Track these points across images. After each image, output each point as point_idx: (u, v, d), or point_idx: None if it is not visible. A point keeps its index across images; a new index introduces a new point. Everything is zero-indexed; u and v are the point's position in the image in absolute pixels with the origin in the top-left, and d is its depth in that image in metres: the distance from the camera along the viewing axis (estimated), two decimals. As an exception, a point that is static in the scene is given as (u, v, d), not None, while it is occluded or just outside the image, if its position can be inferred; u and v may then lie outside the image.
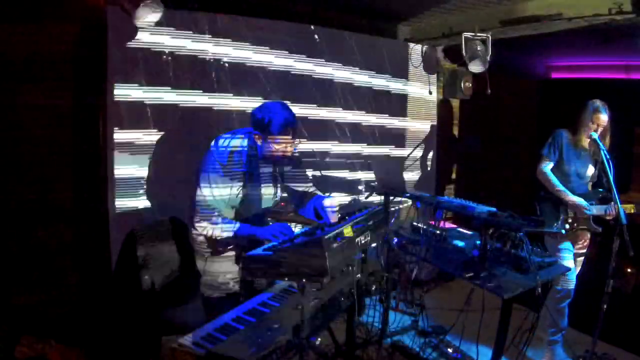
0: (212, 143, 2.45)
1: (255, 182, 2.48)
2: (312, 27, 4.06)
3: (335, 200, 2.47)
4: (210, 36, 3.55)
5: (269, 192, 2.59)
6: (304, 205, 2.60)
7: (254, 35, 3.74)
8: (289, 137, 2.40)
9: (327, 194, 3.51)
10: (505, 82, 5.68)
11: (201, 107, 3.56)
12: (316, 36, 4.08)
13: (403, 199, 3.72)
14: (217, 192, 2.35)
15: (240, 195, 2.43)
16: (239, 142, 2.43)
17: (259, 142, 2.42)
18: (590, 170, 3.30)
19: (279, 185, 2.67)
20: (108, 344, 3.08)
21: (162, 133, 3.43)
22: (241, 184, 2.42)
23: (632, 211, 3.07)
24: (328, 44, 4.14)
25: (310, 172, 3.76)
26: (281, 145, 2.39)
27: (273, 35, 3.85)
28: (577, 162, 3.25)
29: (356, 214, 2.25)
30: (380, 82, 4.58)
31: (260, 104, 2.55)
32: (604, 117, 3.12)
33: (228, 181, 2.37)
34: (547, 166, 3.26)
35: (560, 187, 3.19)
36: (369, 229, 2.15)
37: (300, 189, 2.74)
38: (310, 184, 2.86)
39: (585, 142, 3.21)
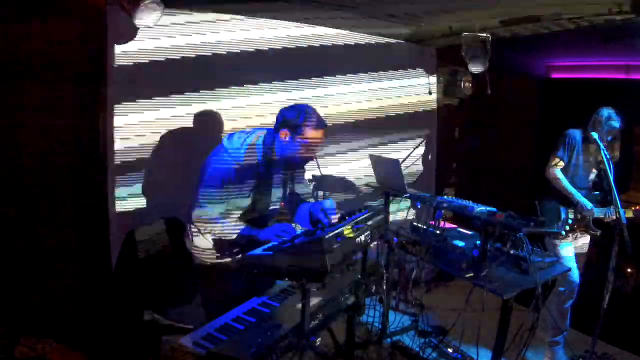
0: (225, 140, 2.39)
1: (267, 182, 2.44)
2: (312, 26, 4.06)
3: (334, 202, 2.45)
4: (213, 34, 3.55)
5: (278, 194, 2.56)
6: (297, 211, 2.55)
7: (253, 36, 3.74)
8: (320, 137, 2.38)
9: (325, 198, 3.53)
10: (505, 82, 5.67)
11: (202, 108, 3.56)
12: (315, 36, 4.08)
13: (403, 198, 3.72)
14: (227, 190, 2.30)
15: (251, 195, 2.38)
16: (255, 141, 2.38)
17: (285, 140, 2.35)
18: (592, 175, 3.30)
19: (288, 187, 2.64)
20: (108, 343, 3.08)
21: (162, 134, 3.42)
22: (254, 183, 2.36)
23: (631, 215, 3.07)
24: (327, 44, 4.14)
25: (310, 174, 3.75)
26: (308, 146, 2.36)
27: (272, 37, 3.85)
28: (583, 167, 3.26)
29: (356, 214, 2.24)
30: (380, 82, 4.57)
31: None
32: (617, 126, 3.13)
33: (240, 180, 2.32)
34: (559, 167, 3.26)
35: (571, 189, 3.21)
36: (369, 229, 2.14)
37: (300, 193, 2.72)
38: (309, 189, 2.84)
39: (593, 148, 3.18)
